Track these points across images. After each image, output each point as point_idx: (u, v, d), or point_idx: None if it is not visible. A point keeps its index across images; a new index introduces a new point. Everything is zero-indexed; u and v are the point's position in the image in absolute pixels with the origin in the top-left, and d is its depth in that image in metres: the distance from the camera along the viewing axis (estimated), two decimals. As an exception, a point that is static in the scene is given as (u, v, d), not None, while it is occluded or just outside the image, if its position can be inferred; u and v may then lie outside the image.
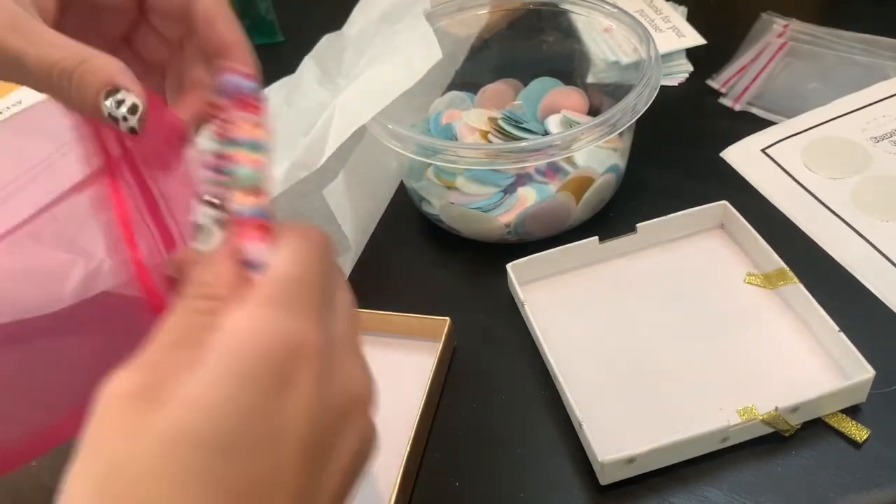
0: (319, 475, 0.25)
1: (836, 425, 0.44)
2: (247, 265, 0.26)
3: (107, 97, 0.30)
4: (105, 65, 0.30)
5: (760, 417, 0.42)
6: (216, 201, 0.28)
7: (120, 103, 0.30)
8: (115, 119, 0.30)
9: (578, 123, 0.55)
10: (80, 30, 0.33)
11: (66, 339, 0.36)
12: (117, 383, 0.24)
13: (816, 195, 0.58)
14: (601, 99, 0.64)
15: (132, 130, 0.30)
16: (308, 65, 0.68)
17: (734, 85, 0.69)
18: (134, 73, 0.31)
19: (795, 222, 0.56)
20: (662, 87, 0.56)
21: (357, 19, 0.65)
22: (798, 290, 0.49)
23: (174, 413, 0.23)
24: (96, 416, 0.24)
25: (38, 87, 0.31)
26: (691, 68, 0.72)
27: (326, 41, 0.68)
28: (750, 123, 0.65)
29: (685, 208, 0.55)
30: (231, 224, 0.27)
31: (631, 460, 0.41)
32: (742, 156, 0.62)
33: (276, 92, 0.68)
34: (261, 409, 0.23)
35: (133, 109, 0.30)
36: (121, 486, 0.22)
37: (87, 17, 0.34)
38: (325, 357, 0.26)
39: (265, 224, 0.27)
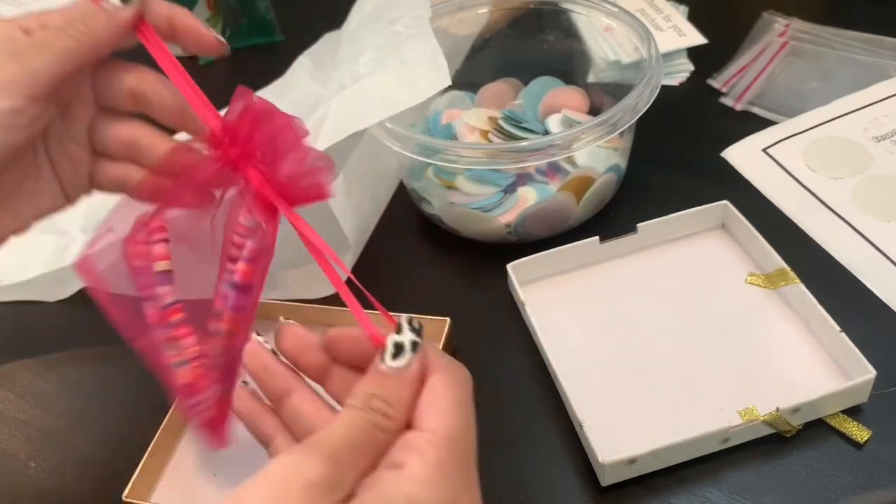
0: None
1: (837, 426, 0.44)
2: None
3: None
4: None
5: (761, 418, 0.42)
6: (418, 325, 0.29)
7: None
8: None
9: (579, 123, 0.55)
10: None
11: None
12: (301, 469, 0.25)
13: (818, 195, 0.58)
14: (602, 98, 0.64)
15: None
16: (302, 60, 0.67)
17: (735, 84, 0.69)
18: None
19: (797, 222, 0.56)
20: (663, 86, 0.56)
21: (354, 17, 0.65)
22: (799, 291, 0.48)
23: None
24: (277, 492, 0.24)
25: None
26: (692, 68, 0.72)
27: (325, 40, 0.68)
28: (751, 123, 0.65)
29: (686, 208, 0.55)
30: (422, 352, 0.29)
31: (632, 461, 0.41)
32: (743, 155, 0.62)
33: (272, 91, 0.68)
34: None
35: None
36: None
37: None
38: None
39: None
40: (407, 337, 0.29)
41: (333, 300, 0.56)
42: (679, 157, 0.63)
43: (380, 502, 0.25)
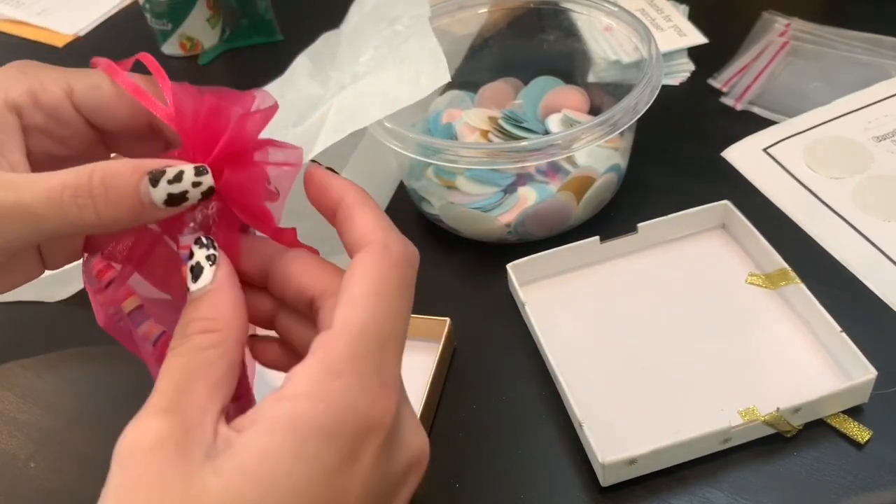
0: None
1: (837, 426, 0.44)
2: None
3: (153, 183, 0.26)
4: (127, 160, 0.26)
5: (762, 418, 0.42)
6: (206, 239, 0.28)
7: (178, 178, 0.26)
8: (176, 198, 0.26)
9: (579, 123, 0.55)
10: None
11: None
12: (142, 434, 0.23)
13: (818, 195, 0.58)
14: (602, 98, 0.64)
15: (210, 191, 0.27)
16: (300, 60, 0.67)
17: (736, 84, 0.69)
18: None
19: (797, 222, 0.56)
20: (663, 86, 0.56)
21: (353, 16, 0.65)
22: (800, 291, 0.48)
23: (228, 482, 0.22)
24: (126, 469, 0.23)
25: (44, 231, 0.26)
26: (693, 67, 0.72)
27: (324, 39, 0.68)
28: (751, 123, 0.65)
29: (686, 208, 0.55)
30: (222, 260, 0.27)
31: (632, 461, 0.41)
32: (743, 155, 0.62)
33: (272, 91, 0.68)
34: (323, 486, 0.22)
35: (200, 172, 0.27)
36: None
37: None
38: (392, 429, 0.24)
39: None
40: (200, 256, 0.27)
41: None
42: (679, 157, 0.63)
43: (262, 432, 0.22)
